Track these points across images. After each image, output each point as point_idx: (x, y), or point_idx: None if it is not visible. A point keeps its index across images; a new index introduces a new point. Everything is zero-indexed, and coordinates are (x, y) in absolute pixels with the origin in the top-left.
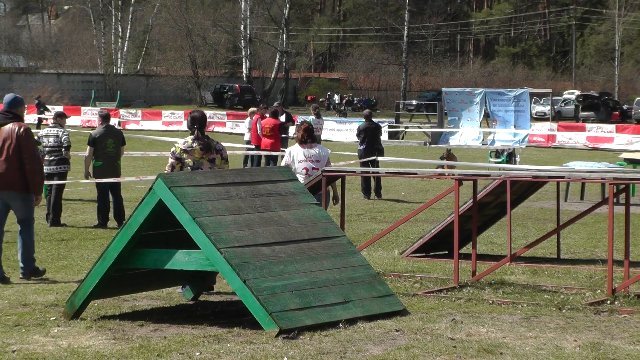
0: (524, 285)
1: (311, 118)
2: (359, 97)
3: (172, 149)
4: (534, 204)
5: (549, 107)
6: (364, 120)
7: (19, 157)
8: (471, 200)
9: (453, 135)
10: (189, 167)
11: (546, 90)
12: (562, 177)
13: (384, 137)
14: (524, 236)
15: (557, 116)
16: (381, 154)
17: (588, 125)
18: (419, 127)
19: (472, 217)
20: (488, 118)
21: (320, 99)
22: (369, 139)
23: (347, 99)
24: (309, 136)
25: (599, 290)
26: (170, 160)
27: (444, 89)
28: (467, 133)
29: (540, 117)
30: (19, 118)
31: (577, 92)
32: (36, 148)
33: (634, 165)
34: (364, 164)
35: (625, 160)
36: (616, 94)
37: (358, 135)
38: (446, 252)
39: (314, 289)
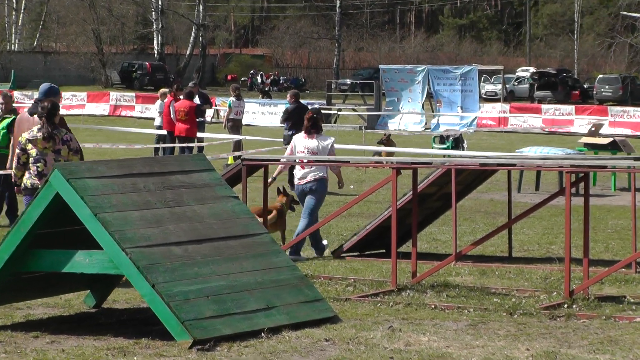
0: (470, 288)
1: (231, 100)
2: (286, 76)
3: (20, 139)
4: (482, 196)
5: (500, 86)
6: (290, 101)
7: None
8: (411, 192)
9: (392, 119)
10: (32, 159)
11: (497, 67)
12: (514, 165)
13: None
14: (471, 232)
15: (510, 96)
16: None
17: (544, 107)
18: (354, 110)
19: (412, 211)
20: (431, 99)
21: (242, 79)
22: (298, 122)
23: (272, 78)
24: (312, 126)
25: (555, 293)
26: (17, 151)
27: (381, 66)
28: (407, 116)
29: (491, 98)
30: None
31: (532, 69)
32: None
33: (595, 151)
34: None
35: (586, 145)
36: (576, 71)
37: (286, 119)
38: (383, 250)
39: (233, 294)
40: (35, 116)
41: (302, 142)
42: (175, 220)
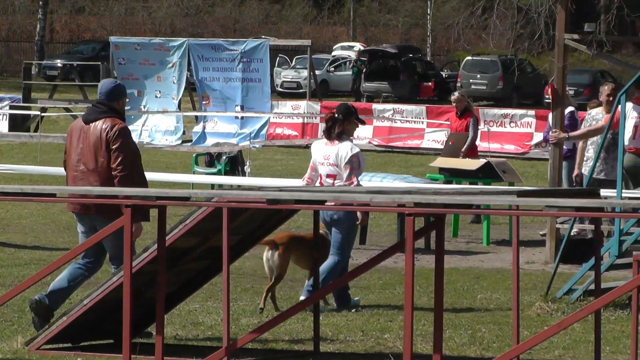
0: None
1: None
2: None
3: None
4: None
5: (305, 74)
6: None
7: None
8: (156, 245)
9: (132, 123)
10: None
11: (302, 43)
12: (319, 203)
13: None
14: (254, 310)
15: (322, 90)
16: None
17: (377, 107)
18: (67, 110)
19: (158, 276)
20: (194, 92)
21: None
22: None
23: None
24: (332, 128)
25: None
26: None
27: (112, 38)
28: (155, 119)
29: (291, 92)
30: (115, 113)
31: (359, 47)
32: (133, 155)
33: (458, 180)
34: None
35: (442, 171)
36: (429, 51)
37: None
38: (111, 340)
39: None
40: (97, 123)
41: (321, 151)
42: None
